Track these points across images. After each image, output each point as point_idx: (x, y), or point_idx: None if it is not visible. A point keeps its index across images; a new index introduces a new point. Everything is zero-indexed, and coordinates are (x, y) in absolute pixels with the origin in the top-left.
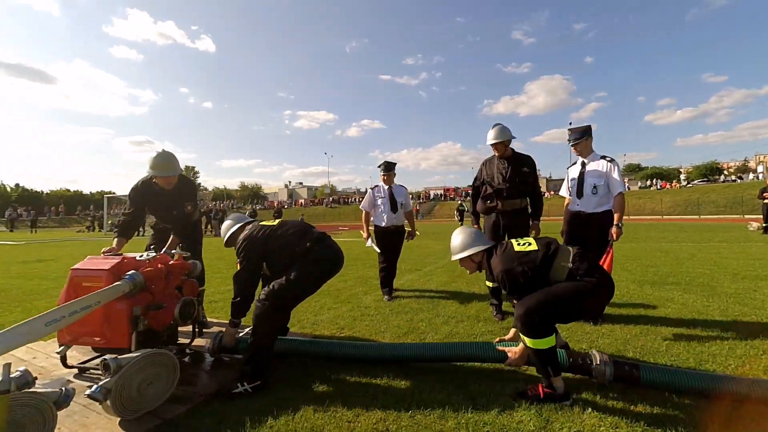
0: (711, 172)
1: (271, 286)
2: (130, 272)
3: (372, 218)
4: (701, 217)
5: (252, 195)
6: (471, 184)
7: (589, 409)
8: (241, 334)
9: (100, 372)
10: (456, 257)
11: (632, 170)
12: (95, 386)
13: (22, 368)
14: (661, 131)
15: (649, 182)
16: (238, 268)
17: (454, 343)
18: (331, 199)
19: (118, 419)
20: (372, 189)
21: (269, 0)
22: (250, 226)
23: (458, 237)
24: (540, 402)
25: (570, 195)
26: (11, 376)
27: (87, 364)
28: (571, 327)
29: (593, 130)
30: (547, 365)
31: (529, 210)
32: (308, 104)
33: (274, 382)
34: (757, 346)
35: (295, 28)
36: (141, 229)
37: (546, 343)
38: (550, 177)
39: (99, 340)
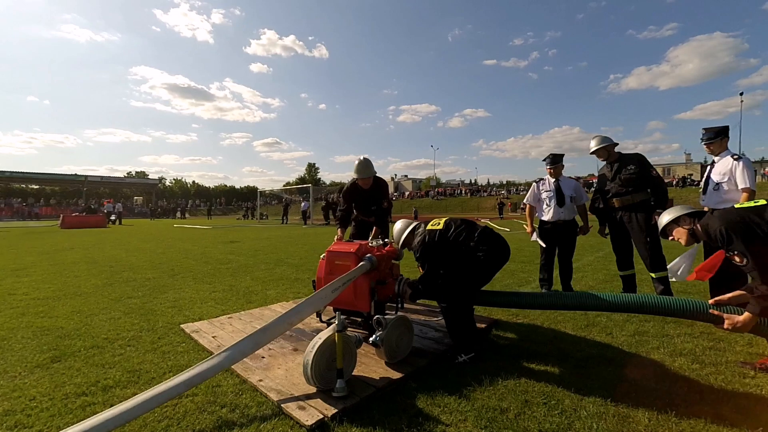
0: None
1: (458, 281)
2: (367, 255)
3: (536, 213)
4: None
5: None
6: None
7: None
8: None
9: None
10: (662, 224)
11: None
12: (375, 336)
13: (341, 318)
14: None
15: None
16: (420, 271)
17: (666, 297)
18: (437, 191)
19: (384, 362)
20: (537, 182)
21: (373, 2)
22: (420, 230)
23: (666, 212)
24: None
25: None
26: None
27: (332, 320)
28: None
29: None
30: None
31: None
32: (410, 98)
33: (486, 354)
34: None
35: (398, 26)
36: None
37: None
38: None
39: (348, 304)
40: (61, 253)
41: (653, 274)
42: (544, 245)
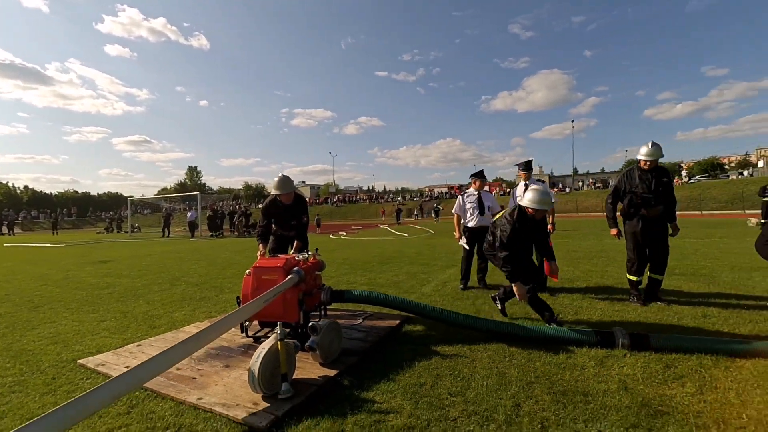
0: (712, 167)
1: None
2: (295, 268)
3: (462, 220)
4: (703, 213)
5: (256, 194)
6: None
7: None
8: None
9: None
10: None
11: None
12: (310, 341)
13: (278, 328)
14: (661, 126)
15: None
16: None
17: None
18: (337, 198)
19: (319, 363)
20: (462, 195)
21: None
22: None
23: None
24: None
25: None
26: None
27: (258, 334)
28: (598, 307)
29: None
30: None
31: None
32: (305, 102)
33: (404, 344)
34: (745, 317)
35: (289, 25)
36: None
37: None
38: (552, 174)
39: (277, 316)
40: None
41: (659, 276)
42: (467, 247)
